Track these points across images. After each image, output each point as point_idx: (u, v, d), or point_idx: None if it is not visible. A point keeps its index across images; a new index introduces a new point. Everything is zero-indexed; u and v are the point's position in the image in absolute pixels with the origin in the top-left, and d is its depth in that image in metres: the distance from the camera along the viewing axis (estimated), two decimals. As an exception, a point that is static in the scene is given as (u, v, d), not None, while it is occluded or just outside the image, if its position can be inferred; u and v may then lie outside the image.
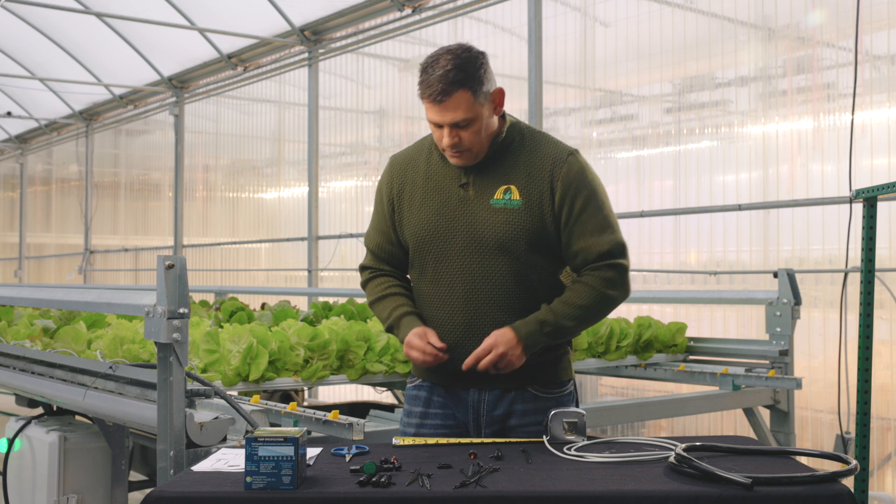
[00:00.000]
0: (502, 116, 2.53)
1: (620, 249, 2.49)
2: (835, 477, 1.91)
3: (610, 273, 2.47)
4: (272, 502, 1.86)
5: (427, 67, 2.39)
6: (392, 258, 2.64)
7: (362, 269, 2.71)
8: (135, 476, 3.86)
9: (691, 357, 4.78)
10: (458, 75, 2.35)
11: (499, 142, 2.49)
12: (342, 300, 5.77)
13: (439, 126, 2.41)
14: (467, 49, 2.40)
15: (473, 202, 2.47)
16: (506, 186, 2.47)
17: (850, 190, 3.33)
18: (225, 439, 2.66)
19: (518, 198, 2.45)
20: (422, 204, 2.52)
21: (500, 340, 2.39)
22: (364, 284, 2.70)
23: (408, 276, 2.68)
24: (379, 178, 2.69)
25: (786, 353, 4.32)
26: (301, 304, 7.80)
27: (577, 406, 2.63)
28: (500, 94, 2.46)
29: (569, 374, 2.61)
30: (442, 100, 2.35)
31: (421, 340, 2.45)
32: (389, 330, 2.59)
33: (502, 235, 2.44)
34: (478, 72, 2.38)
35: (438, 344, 2.44)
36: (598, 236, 2.47)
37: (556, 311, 2.44)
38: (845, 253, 4.41)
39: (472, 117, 2.38)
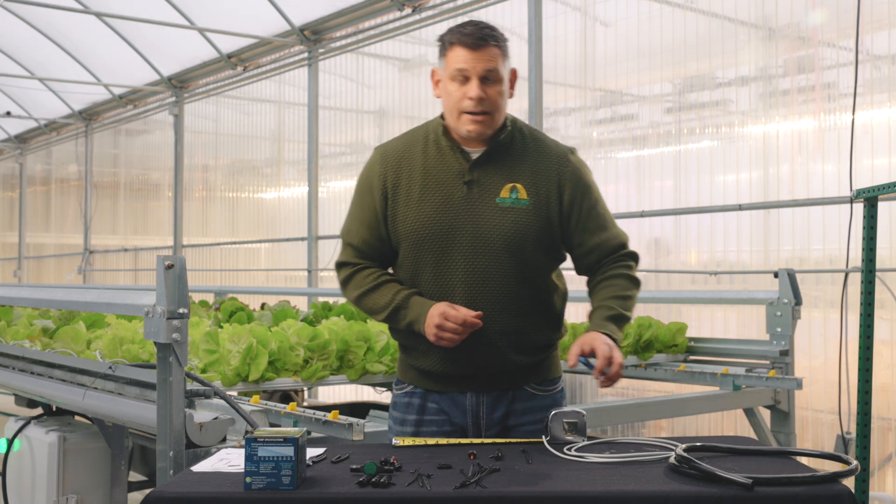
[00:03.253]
0: None
1: (627, 241, 2.56)
2: (835, 477, 1.90)
3: (631, 262, 2.53)
4: (272, 502, 1.85)
5: (454, 27, 2.42)
6: (378, 255, 2.50)
7: (340, 266, 2.54)
8: (134, 476, 3.86)
9: (692, 357, 4.77)
10: (491, 32, 2.39)
11: (503, 135, 2.44)
12: (342, 300, 5.76)
13: (464, 81, 2.36)
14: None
15: (478, 200, 2.39)
16: (511, 185, 2.41)
17: (851, 190, 3.32)
18: (224, 440, 2.66)
19: (525, 196, 2.41)
20: (421, 199, 2.41)
21: (613, 352, 2.29)
22: (346, 280, 2.52)
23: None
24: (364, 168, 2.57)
25: (786, 354, 4.32)
26: (301, 304, 7.79)
27: (567, 401, 2.65)
28: (515, 74, 2.48)
29: (559, 370, 2.61)
30: (479, 46, 2.35)
31: (456, 312, 2.32)
32: (391, 316, 2.44)
33: (510, 236, 2.38)
34: (505, 40, 2.43)
35: (473, 313, 2.33)
36: (610, 230, 2.51)
37: (619, 305, 2.44)
38: (846, 253, 4.41)
39: (500, 73, 2.38)
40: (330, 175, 9.78)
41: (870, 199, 3.18)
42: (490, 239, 2.39)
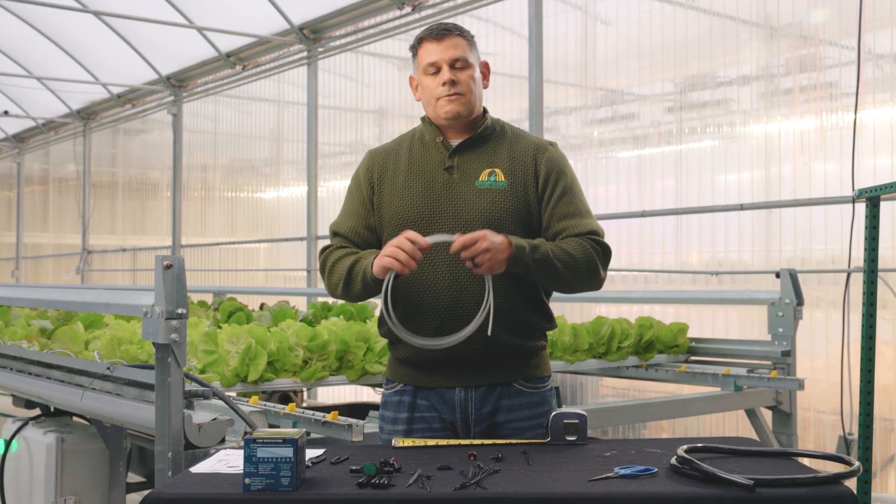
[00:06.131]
0: (484, 110, 2.62)
1: (602, 235, 2.52)
2: (837, 478, 1.89)
3: (598, 247, 2.48)
4: (271, 505, 1.84)
5: (423, 29, 2.60)
6: (365, 244, 2.59)
7: (321, 252, 2.63)
8: (133, 477, 3.85)
9: (693, 358, 4.76)
10: (455, 25, 2.57)
11: (484, 126, 2.56)
12: (342, 300, 5.74)
13: (437, 72, 2.51)
14: None
15: (458, 184, 2.51)
16: (490, 170, 2.53)
17: (853, 189, 3.31)
18: (223, 441, 2.65)
19: (503, 179, 2.51)
20: (405, 186, 2.53)
21: (489, 236, 2.32)
22: (325, 259, 2.59)
23: None
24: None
25: (788, 354, 4.31)
26: (300, 304, 7.78)
27: (559, 400, 2.67)
28: (487, 66, 2.62)
29: (548, 369, 2.64)
30: (442, 36, 2.51)
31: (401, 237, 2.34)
32: (350, 272, 2.47)
33: (488, 216, 2.46)
34: (471, 35, 2.59)
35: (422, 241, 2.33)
36: (581, 218, 2.52)
37: (549, 246, 2.43)
38: (848, 253, 4.40)
39: (468, 60, 2.52)
40: (329, 175, 9.77)
41: (872, 199, 3.17)
42: (470, 219, 2.47)
